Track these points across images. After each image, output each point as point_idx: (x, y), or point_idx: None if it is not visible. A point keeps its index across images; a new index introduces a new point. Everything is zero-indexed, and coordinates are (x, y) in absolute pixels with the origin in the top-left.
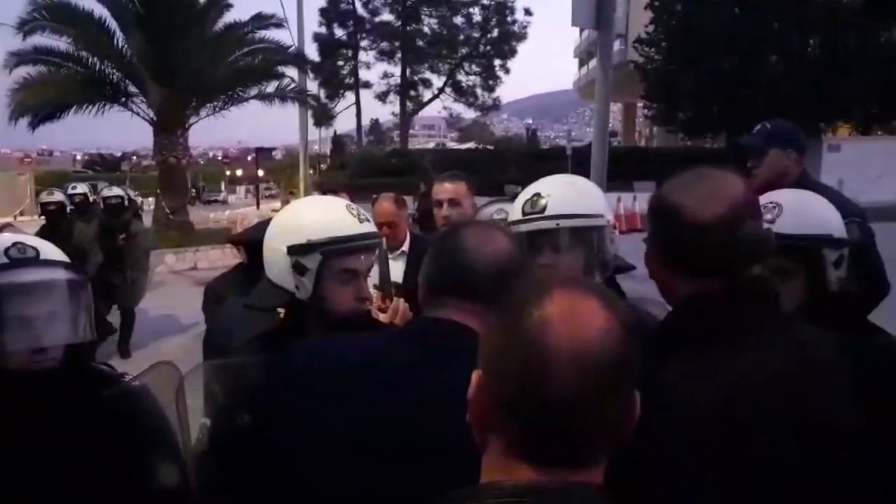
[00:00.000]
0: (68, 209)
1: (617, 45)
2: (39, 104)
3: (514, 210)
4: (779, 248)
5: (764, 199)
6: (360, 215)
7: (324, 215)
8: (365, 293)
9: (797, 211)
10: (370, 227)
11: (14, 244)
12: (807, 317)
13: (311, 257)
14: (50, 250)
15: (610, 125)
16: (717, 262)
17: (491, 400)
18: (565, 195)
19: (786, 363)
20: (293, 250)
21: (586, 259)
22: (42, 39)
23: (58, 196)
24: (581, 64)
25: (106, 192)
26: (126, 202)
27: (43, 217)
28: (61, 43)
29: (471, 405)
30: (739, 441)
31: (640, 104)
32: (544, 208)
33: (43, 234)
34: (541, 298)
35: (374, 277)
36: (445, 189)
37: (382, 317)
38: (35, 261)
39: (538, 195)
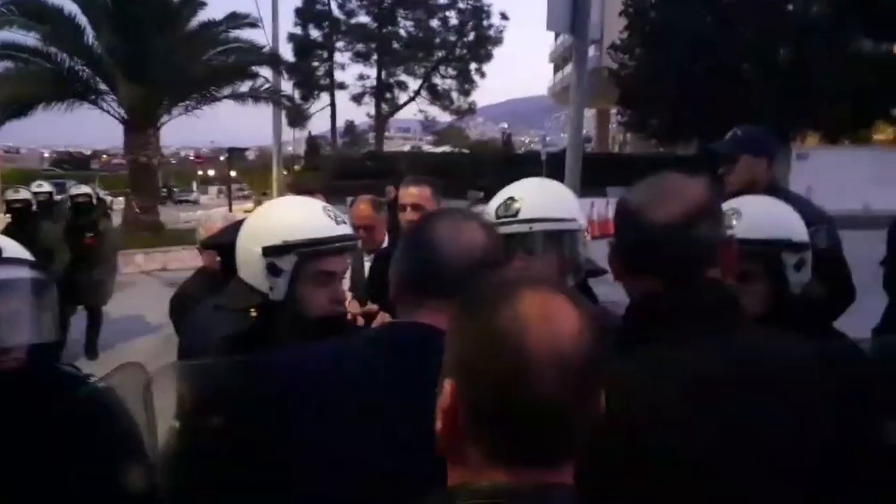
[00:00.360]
0: (34, 208)
1: (591, 51)
2: (7, 101)
3: (489, 213)
4: (738, 252)
5: (725, 205)
6: (337, 217)
7: (300, 216)
8: (340, 296)
9: (755, 215)
10: (346, 229)
11: None
12: (771, 321)
13: (287, 258)
14: (13, 248)
15: (584, 131)
16: (667, 263)
17: (467, 407)
18: (538, 199)
19: (710, 366)
20: (268, 251)
21: (559, 262)
22: (10, 35)
23: (24, 194)
24: (556, 69)
25: (74, 191)
26: (94, 201)
27: (8, 215)
28: (30, 38)
29: (444, 415)
30: (638, 438)
31: (613, 110)
32: (517, 212)
33: (8, 232)
34: (512, 299)
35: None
36: (410, 193)
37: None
38: None
39: (511, 199)
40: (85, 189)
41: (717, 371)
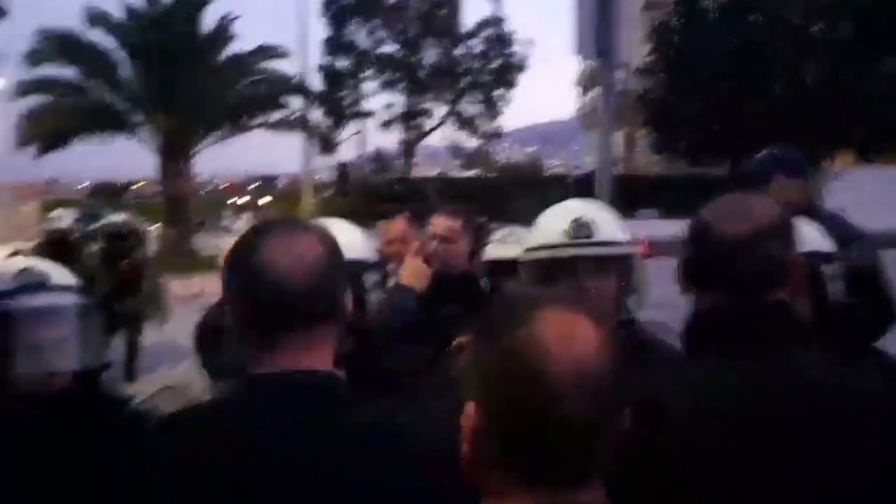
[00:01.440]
0: (74, 236)
1: (618, 74)
2: (46, 133)
3: (551, 233)
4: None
5: None
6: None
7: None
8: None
9: None
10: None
11: (23, 269)
12: (816, 336)
13: None
14: (59, 275)
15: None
16: (732, 280)
17: (490, 430)
18: (608, 221)
19: (762, 392)
20: None
21: (622, 286)
22: (49, 70)
23: (62, 223)
24: (584, 92)
25: (109, 220)
26: (129, 230)
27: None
28: (68, 73)
29: (469, 438)
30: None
31: (640, 132)
32: (591, 233)
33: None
34: (531, 319)
35: None
36: (439, 223)
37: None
38: (44, 286)
39: (581, 220)
40: (121, 218)
41: (770, 401)
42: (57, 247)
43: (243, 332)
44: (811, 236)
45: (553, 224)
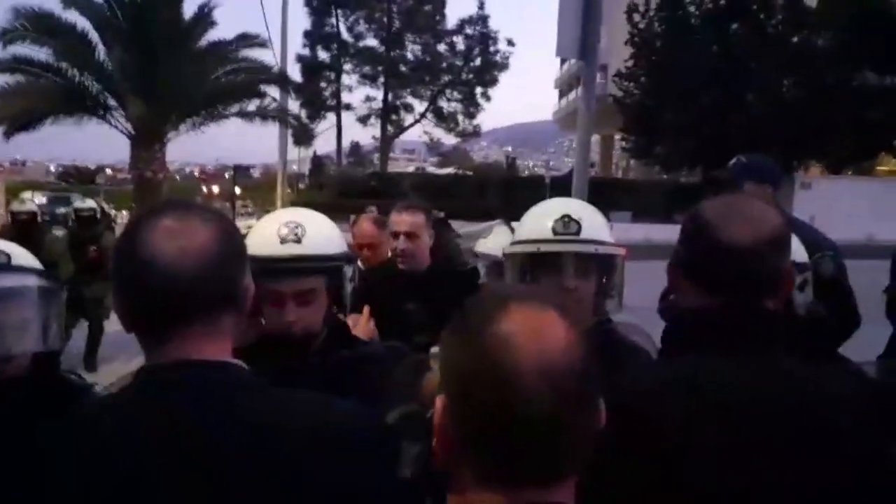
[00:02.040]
0: (39, 219)
1: (597, 78)
2: (16, 113)
3: (537, 227)
4: None
5: None
6: (288, 237)
7: (254, 233)
8: (289, 316)
9: None
10: (295, 250)
11: None
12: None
13: None
14: (22, 256)
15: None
16: (731, 284)
17: (459, 426)
18: (596, 220)
19: (737, 380)
20: None
21: (602, 287)
22: (22, 49)
23: (29, 206)
24: (561, 95)
25: (78, 204)
26: (99, 215)
27: (13, 227)
28: (42, 53)
29: (438, 434)
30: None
31: (617, 136)
32: (578, 231)
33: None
34: (499, 315)
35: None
36: (402, 220)
37: (357, 330)
38: (6, 266)
39: (569, 217)
40: (90, 203)
41: (760, 400)
42: (24, 229)
43: (130, 322)
44: None
45: (541, 219)
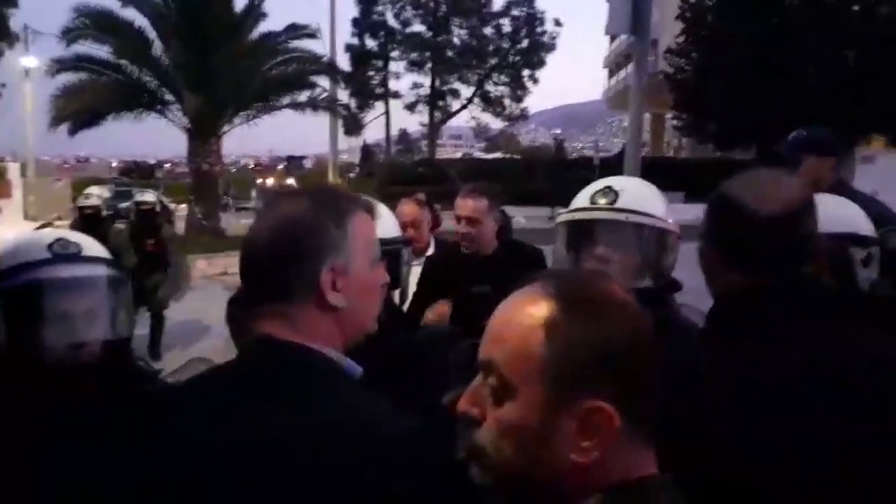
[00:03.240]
0: (103, 213)
1: (648, 54)
2: (79, 111)
3: (580, 199)
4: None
5: None
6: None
7: None
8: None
9: (820, 211)
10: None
11: (57, 240)
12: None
13: None
14: (92, 247)
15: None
16: (773, 258)
17: (626, 412)
18: (639, 191)
19: (835, 357)
20: None
21: (643, 261)
22: (83, 48)
23: (94, 200)
24: (610, 74)
25: (139, 198)
26: (158, 208)
27: (80, 220)
28: (102, 51)
29: (603, 442)
30: (800, 424)
31: (669, 115)
32: (615, 200)
33: None
34: (608, 292)
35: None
36: (465, 205)
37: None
38: (77, 257)
39: (610, 188)
40: (149, 197)
41: (812, 383)
42: (89, 222)
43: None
44: (850, 217)
45: (587, 190)
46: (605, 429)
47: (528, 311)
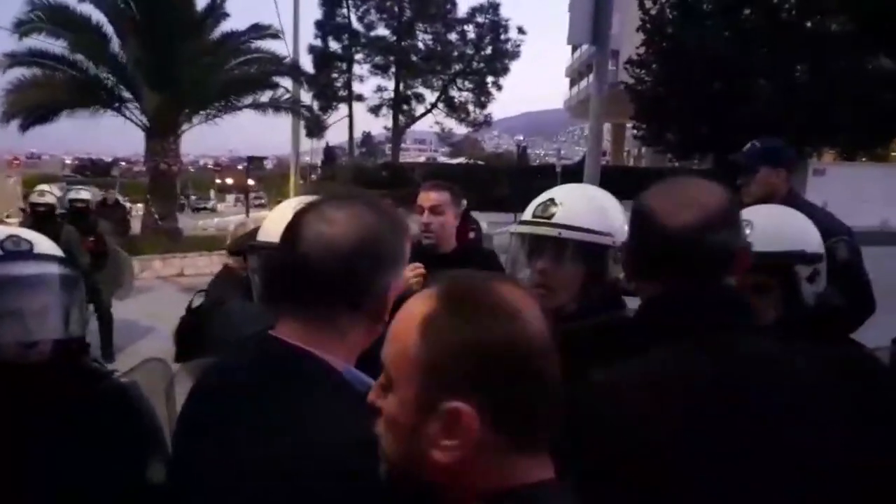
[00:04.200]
0: (58, 211)
1: (609, 64)
2: (32, 106)
3: (528, 210)
4: (757, 263)
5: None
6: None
7: (271, 221)
8: None
9: (767, 227)
10: None
11: (9, 237)
12: (785, 331)
13: (252, 258)
14: (44, 244)
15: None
16: (682, 267)
17: (492, 419)
18: (578, 206)
19: (697, 367)
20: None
21: (585, 275)
22: (38, 42)
23: (48, 198)
24: (572, 83)
25: (72, 196)
26: (93, 206)
27: (31, 217)
28: (57, 46)
29: (463, 443)
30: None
31: (629, 124)
32: (552, 215)
33: None
34: (493, 299)
35: None
36: (428, 196)
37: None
38: (29, 254)
39: (552, 201)
40: (84, 194)
41: (702, 374)
42: (42, 221)
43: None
44: (798, 233)
45: (535, 201)
46: (465, 431)
47: (411, 311)
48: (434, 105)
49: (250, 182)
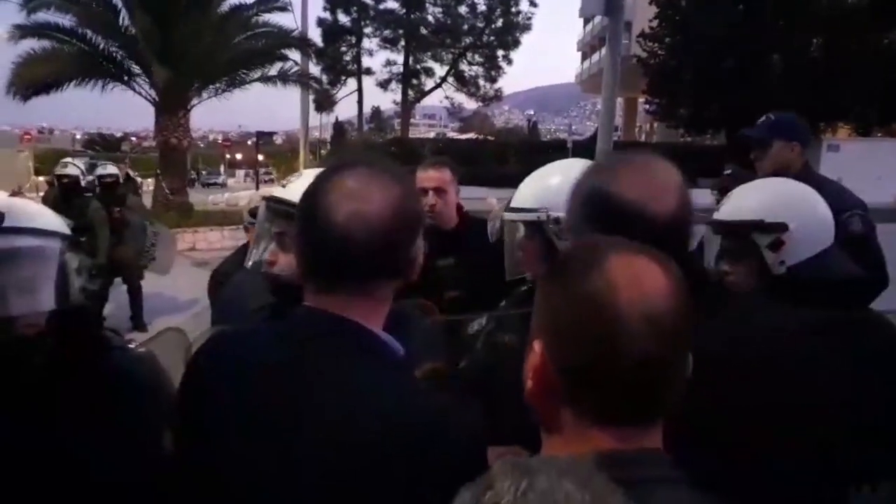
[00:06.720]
0: (83, 183)
1: (622, 37)
2: (40, 78)
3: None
4: (722, 232)
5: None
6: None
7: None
8: (269, 256)
9: (735, 198)
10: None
11: None
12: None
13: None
14: (19, 214)
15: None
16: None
17: (560, 369)
18: (524, 188)
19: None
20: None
21: (543, 248)
22: (47, 15)
23: (71, 169)
24: (584, 57)
25: (100, 171)
26: (121, 180)
27: (57, 189)
28: (66, 20)
29: (534, 376)
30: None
31: (641, 99)
32: (510, 199)
33: (56, 207)
34: (601, 264)
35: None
36: (430, 177)
37: None
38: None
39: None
40: (111, 169)
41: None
42: (67, 193)
43: (301, 270)
44: (762, 203)
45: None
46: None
47: None
48: (444, 79)
49: (260, 157)
